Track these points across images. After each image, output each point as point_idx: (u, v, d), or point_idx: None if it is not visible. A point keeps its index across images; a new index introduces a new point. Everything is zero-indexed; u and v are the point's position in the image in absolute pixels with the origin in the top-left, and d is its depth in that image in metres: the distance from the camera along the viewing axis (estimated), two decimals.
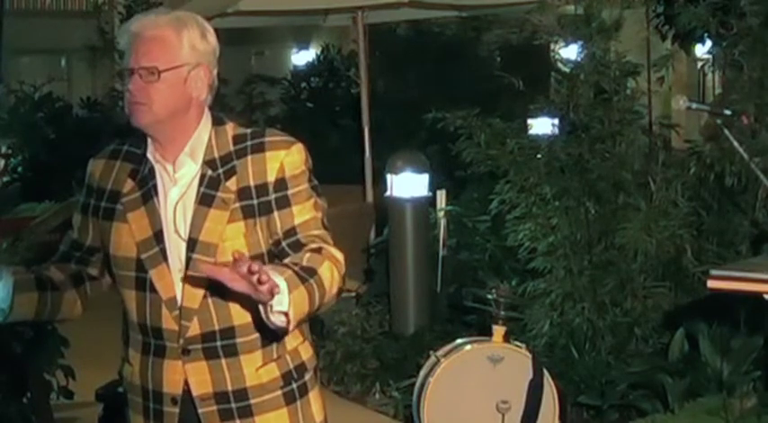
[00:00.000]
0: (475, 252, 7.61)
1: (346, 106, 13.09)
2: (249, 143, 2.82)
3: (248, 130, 2.86)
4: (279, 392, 2.83)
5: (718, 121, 4.52)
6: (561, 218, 6.29)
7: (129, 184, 2.85)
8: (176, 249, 2.79)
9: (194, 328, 2.77)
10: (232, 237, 2.76)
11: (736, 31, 6.44)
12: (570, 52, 6.74)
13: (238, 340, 2.79)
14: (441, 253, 7.59)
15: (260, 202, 2.78)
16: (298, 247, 2.75)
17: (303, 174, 2.82)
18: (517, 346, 5.48)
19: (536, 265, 6.34)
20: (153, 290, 2.79)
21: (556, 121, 6.67)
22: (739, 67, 6.49)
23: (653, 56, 6.91)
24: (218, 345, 2.78)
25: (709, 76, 11.46)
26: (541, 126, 6.85)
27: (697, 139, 7.00)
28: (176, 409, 2.81)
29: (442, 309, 7.38)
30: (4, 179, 13.43)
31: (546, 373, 5.42)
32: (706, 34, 7.05)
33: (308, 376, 2.89)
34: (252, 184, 2.78)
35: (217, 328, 2.78)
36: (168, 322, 2.79)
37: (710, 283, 3.79)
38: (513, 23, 12.49)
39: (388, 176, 7.37)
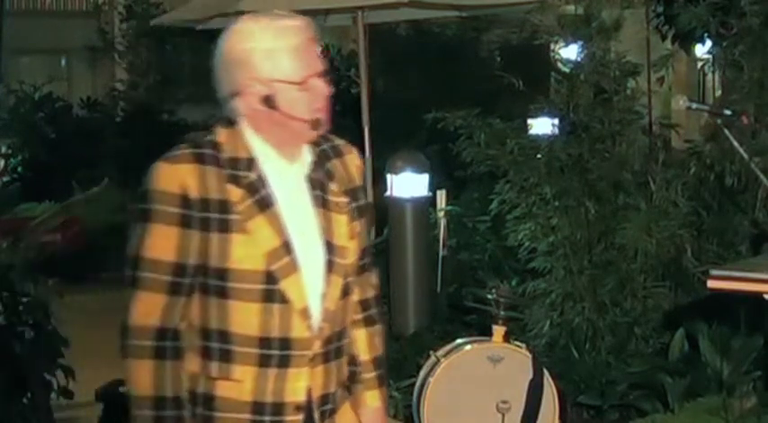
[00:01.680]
0: (475, 252, 7.61)
1: (346, 106, 13.09)
2: (326, 146, 2.83)
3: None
4: (344, 390, 2.89)
5: (719, 121, 4.52)
6: (561, 218, 6.29)
7: (235, 191, 2.66)
8: (311, 254, 2.73)
9: (326, 331, 2.75)
10: (352, 238, 2.79)
11: (736, 31, 6.44)
12: (570, 52, 6.74)
13: (344, 342, 2.83)
14: (441, 253, 7.59)
15: (357, 206, 2.83)
16: (371, 267, 2.93)
17: None
18: (517, 346, 5.48)
19: (536, 265, 6.34)
20: (284, 300, 2.68)
21: (556, 121, 6.67)
22: (739, 67, 6.49)
23: (653, 56, 6.92)
24: (332, 348, 2.78)
25: (709, 76, 11.46)
26: (541, 126, 6.85)
27: (697, 139, 7.00)
28: (300, 417, 2.73)
29: (442, 309, 7.38)
30: (4, 179, 13.43)
31: (546, 373, 5.41)
32: (706, 34, 7.06)
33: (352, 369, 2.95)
34: (349, 187, 2.82)
35: (337, 329, 2.79)
36: (300, 331, 2.70)
37: (710, 283, 3.79)
38: (513, 23, 12.52)
39: (388, 176, 7.37)
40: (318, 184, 2.76)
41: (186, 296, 2.67)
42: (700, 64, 13.44)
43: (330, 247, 2.74)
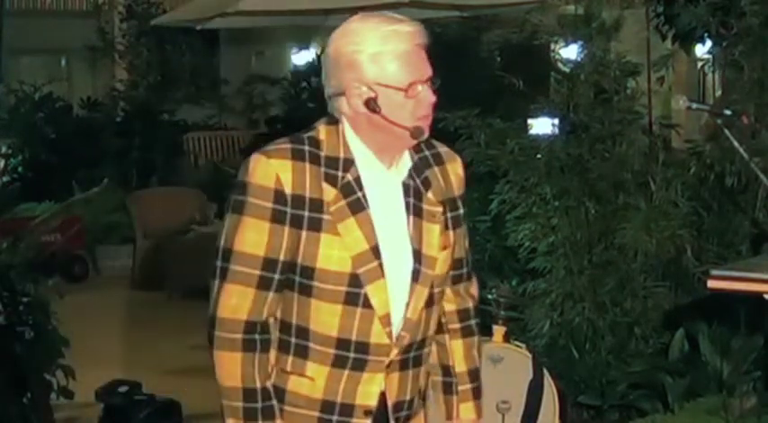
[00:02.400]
0: (475, 252, 7.59)
1: None
2: (428, 153, 2.82)
3: None
4: (421, 397, 2.90)
5: (719, 121, 4.52)
6: (561, 218, 6.29)
7: (330, 191, 2.65)
8: (399, 261, 2.72)
9: (406, 340, 2.74)
10: (443, 249, 2.78)
11: (737, 31, 6.44)
12: (570, 52, 6.74)
13: (425, 351, 2.83)
14: None
15: (453, 216, 2.82)
16: (469, 277, 2.96)
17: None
18: (517, 346, 5.48)
19: (536, 265, 6.34)
20: (367, 305, 2.68)
21: (556, 121, 6.67)
22: (739, 67, 6.49)
23: (653, 56, 6.91)
24: (411, 356, 2.77)
25: (710, 76, 11.46)
26: (541, 126, 6.85)
27: (697, 139, 7.00)
28: (369, 421, 2.74)
29: None
30: (4, 179, 13.43)
31: (546, 373, 5.42)
32: (706, 34, 7.06)
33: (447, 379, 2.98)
34: (446, 197, 2.80)
35: (418, 338, 2.78)
36: (380, 337, 2.70)
37: (710, 283, 3.79)
38: (513, 23, 12.48)
39: None
40: (414, 192, 2.74)
41: (276, 292, 2.68)
42: (700, 64, 13.43)
43: (419, 257, 2.73)
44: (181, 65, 16.99)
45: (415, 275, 2.72)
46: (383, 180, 2.73)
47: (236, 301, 2.66)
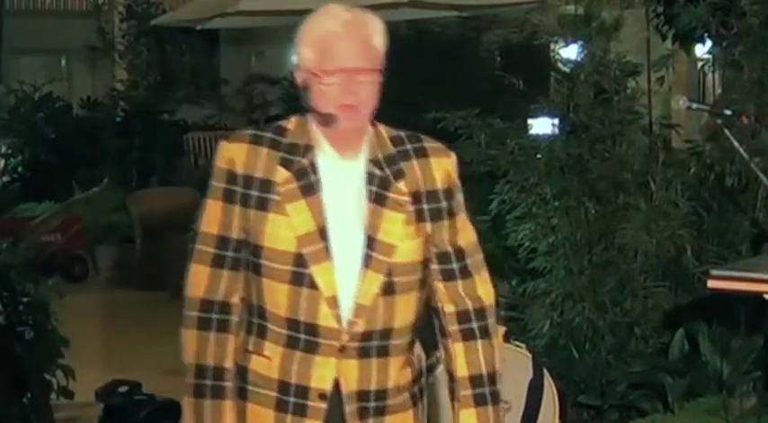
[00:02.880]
0: None
1: None
2: (410, 146, 2.84)
3: (402, 133, 2.88)
4: (407, 394, 2.86)
5: (719, 121, 4.52)
6: (561, 218, 6.29)
7: (282, 173, 2.73)
8: (349, 246, 2.74)
9: (359, 326, 2.74)
10: (408, 238, 2.76)
11: (736, 31, 6.44)
12: (570, 52, 6.73)
13: (392, 342, 2.80)
14: None
15: (431, 208, 2.80)
16: (467, 274, 2.87)
17: (459, 183, 2.88)
18: (517, 346, 5.48)
19: (536, 265, 6.34)
20: (313, 286, 2.71)
21: (556, 121, 6.66)
22: (739, 67, 6.49)
23: (653, 56, 6.91)
24: (373, 345, 2.77)
25: (710, 76, 11.45)
26: (541, 126, 6.85)
27: (697, 139, 7.00)
28: (324, 405, 2.76)
29: None
30: (4, 179, 13.43)
31: (546, 373, 5.41)
32: (706, 34, 7.05)
33: (423, 380, 2.94)
34: (422, 189, 2.80)
35: (379, 327, 2.76)
36: (327, 320, 2.72)
37: (710, 283, 3.80)
38: (513, 23, 12.47)
39: None
40: (380, 181, 2.77)
41: (231, 269, 2.76)
42: (700, 64, 13.42)
43: (372, 243, 2.74)
44: (181, 65, 16.98)
45: (366, 261, 2.73)
46: (340, 168, 2.78)
47: (194, 280, 2.79)
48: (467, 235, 2.89)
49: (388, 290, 2.75)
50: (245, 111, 17.21)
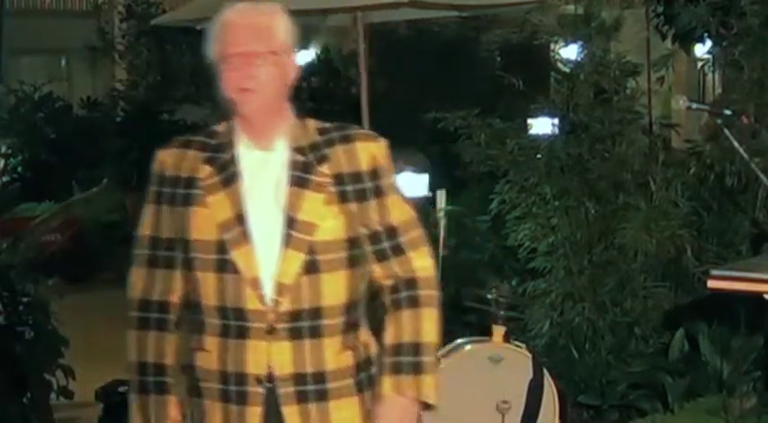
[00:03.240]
0: (475, 252, 7.61)
1: (346, 106, 13.10)
2: (336, 134, 2.93)
3: (330, 124, 2.96)
4: (351, 380, 2.89)
5: (719, 121, 4.52)
6: (561, 218, 6.29)
7: (206, 169, 2.87)
8: (269, 228, 2.83)
9: (284, 305, 2.81)
10: (330, 218, 2.85)
11: (736, 31, 6.44)
12: (570, 52, 6.74)
13: (324, 322, 2.84)
14: (440, 253, 7.58)
15: (355, 189, 2.88)
16: (399, 252, 2.91)
17: (391, 167, 2.95)
18: (517, 346, 5.48)
19: (536, 265, 6.34)
20: (235, 270, 2.81)
21: (556, 121, 6.67)
22: (739, 67, 6.49)
23: (653, 56, 6.92)
24: (304, 325, 2.83)
25: (710, 76, 11.46)
26: (541, 126, 6.85)
27: (697, 138, 7.01)
28: (262, 389, 2.82)
29: (442, 309, 7.36)
30: (4, 179, 13.43)
31: (546, 373, 5.41)
32: (706, 34, 7.06)
33: (373, 370, 2.95)
34: (345, 170, 2.88)
35: (306, 306, 2.82)
36: (252, 302, 2.81)
37: (710, 283, 3.80)
38: (513, 23, 12.51)
39: None
40: (303, 166, 2.86)
41: (166, 268, 2.90)
42: (700, 64, 13.43)
43: (291, 223, 2.83)
44: (181, 65, 16.95)
45: (286, 240, 2.82)
46: (260, 158, 2.89)
47: (133, 282, 2.96)
48: (399, 214, 2.94)
49: (312, 268, 2.82)
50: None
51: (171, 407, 2.92)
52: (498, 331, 5.49)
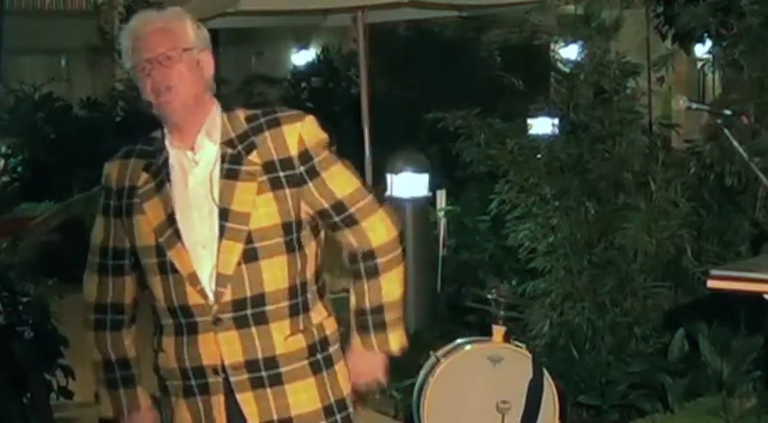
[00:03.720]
0: (475, 252, 7.61)
1: (346, 106, 13.09)
2: (263, 120, 2.97)
3: (259, 110, 3.01)
4: (305, 362, 2.97)
5: (719, 121, 4.52)
6: (561, 218, 6.29)
7: (143, 177, 2.97)
8: (203, 223, 2.92)
9: (227, 296, 2.89)
10: (263, 205, 2.90)
11: (736, 31, 6.44)
12: (570, 52, 6.73)
13: (268, 308, 2.92)
14: (441, 253, 7.58)
15: (287, 175, 2.93)
16: (352, 223, 2.99)
17: (323, 141, 3.00)
18: (517, 346, 5.48)
19: (536, 265, 6.34)
20: (174, 270, 2.92)
21: (556, 121, 6.67)
22: (739, 67, 6.49)
23: (653, 56, 6.91)
24: (248, 313, 2.90)
25: (709, 76, 11.45)
26: (541, 126, 6.85)
27: (697, 138, 7.00)
28: (220, 378, 2.93)
29: (442, 309, 7.37)
30: (4, 179, 13.42)
31: (546, 373, 5.41)
32: (706, 34, 7.05)
33: (332, 349, 3.04)
34: (275, 157, 2.93)
35: (248, 294, 2.90)
36: (194, 298, 2.91)
37: (710, 283, 3.80)
38: (513, 23, 12.48)
39: (388, 176, 7.37)
40: (231, 158, 2.94)
41: (115, 276, 3.05)
42: (700, 64, 13.42)
43: (225, 214, 2.90)
44: None
45: (222, 231, 2.89)
46: (188, 157, 2.96)
47: (88, 287, 3.10)
48: (342, 187, 3.00)
49: (250, 257, 2.90)
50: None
51: (140, 396, 3.12)
52: (498, 331, 5.49)
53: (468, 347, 5.50)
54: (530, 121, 7.03)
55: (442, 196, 7.87)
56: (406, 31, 14.33)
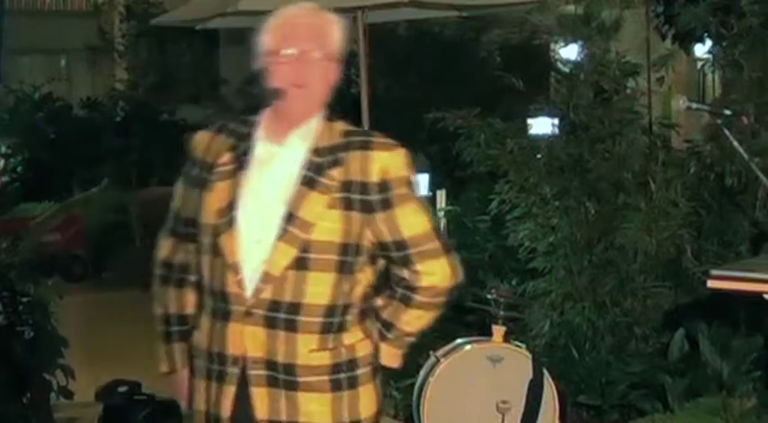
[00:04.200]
0: (475, 252, 7.60)
1: (346, 106, 13.10)
2: (357, 139, 3.00)
3: (358, 128, 3.07)
4: (326, 378, 2.95)
5: (718, 121, 4.52)
6: (561, 218, 6.29)
7: (226, 156, 3.00)
8: (265, 219, 2.92)
9: (266, 293, 2.90)
10: (329, 220, 2.91)
11: (736, 31, 6.44)
12: (570, 52, 6.73)
13: (301, 318, 2.91)
14: None
15: (361, 199, 2.94)
16: (409, 262, 3.00)
17: (405, 177, 3.00)
18: (517, 346, 5.48)
19: (536, 265, 6.34)
20: (220, 254, 2.94)
21: (556, 121, 6.66)
22: (739, 67, 6.49)
23: (653, 56, 6.91)
24: (281, 316, 2.91)
25: (709, 76, 11.45)
26: (541, 126, 6.84)
27: (697, 138, 7.00)
28: (237, 369, 2.93)
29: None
30: (4, 179, 13.43)
31: (546, 373, 5.42)
32: (706, 34, 7.06)
33: (360, 371, 3.02)
34: (355, 179, 2.94)
35: (287, 299, 2.90)
36: (232, 286, 2.92)
37: (710, 283, 3.80)
38: (513, 23, 12.49)
39: None
40: (315, 167, 2.94)
41: (184, 242, 3.08)
42: (700, 64, 13.42)
43: (291, 218, 2.91)
44: (181, 65, 16.95)
45: (281, 234, 2.90)
46: (276, 153, 2.98)
47: (160, 244, 3.17)
48: (411, 227, 2.99)
49: (300, 265, 2.90)
50: (244, 111, 17.19)
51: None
52: (498, 331, 5.49)
53: (468, 347, 5.50)
54: (530, 121, 7.02)
55: (441, 196, 7.86)
56: (406, 31, 14.32)
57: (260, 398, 2.92)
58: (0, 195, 12.51)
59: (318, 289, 2.91)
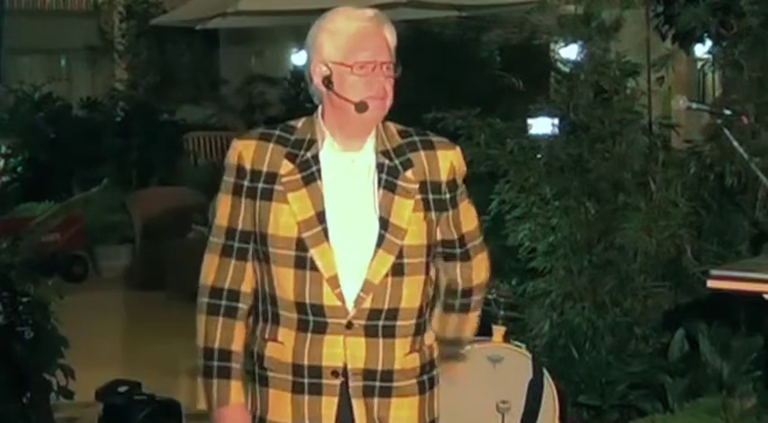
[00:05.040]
0: None
1: None
2: (417, 138, 3.03)
3: (411, 129, 3.07)
4: (414, 381, 3.00)
5: (718, 121, 4.52)
6: (561, 218, 6.29)
7: (287, 166, 2.92)
8: (353, 227, 2.92)
9: (366, 303, 2.90)
10: (415, 223, 2.95)
11: (736, 31, 6.44)
12: (570, 52, 6.73)
13: (399, 323, 2.95)
14: None
15: (435, 199, 2.99)
16: (467, 257, 3.15)
17: (464, 173, 3.09)
18: (517, 346, 5.48)
19: (536, 265, 6.34)
20: (314, 268, 2.89)
21: (556, 121, 6.66)
22: (739, 67, 6.48)
23: (653, 56, 6.90)
24: (380, 324, 2.92)
25: (709, 76, 11.44)
26: (541, 126, 6.84)
27: (697, 138, 6.99)
28: (338, 381, 2.92)
29: None
30: (4, 179, 13.43)
31: (546, 373, 5.41)
32: (706, 34, 7.05)
33: (435, 372, 3.09)
34: (428, 179, 2.98)
35: (386, 307, 2.93)
36: (330, 299, 2.89)
37: (710, 283, 3.80)
38: (513, 23, 12.49)
39: None
40: (389, 170, 2.96)
41: (238, 259, 2.97)
42: (700, 64, 13.41)
43: (385, 224, 2.92)
44: (181, 65, 16.96)
45: (380, 241, 2.91)
46: (344, 159, 2.96)
47: (206, 269, 3.01)
48: (468, 222, 3.12)
49: (398, 271, 2.93)
50: (244, 111, 17.18)
51: (232, 391, 2.99)
52: (498, 331, 5.49)
53: (467, 347, 5.49)
54: (530, 121, 7.01)
55: None
56: (406, 31, 14.32)
57: (360, 409, 2.94)
58: (0, 195, 12.50)
59: (412, 292, 2.95)
